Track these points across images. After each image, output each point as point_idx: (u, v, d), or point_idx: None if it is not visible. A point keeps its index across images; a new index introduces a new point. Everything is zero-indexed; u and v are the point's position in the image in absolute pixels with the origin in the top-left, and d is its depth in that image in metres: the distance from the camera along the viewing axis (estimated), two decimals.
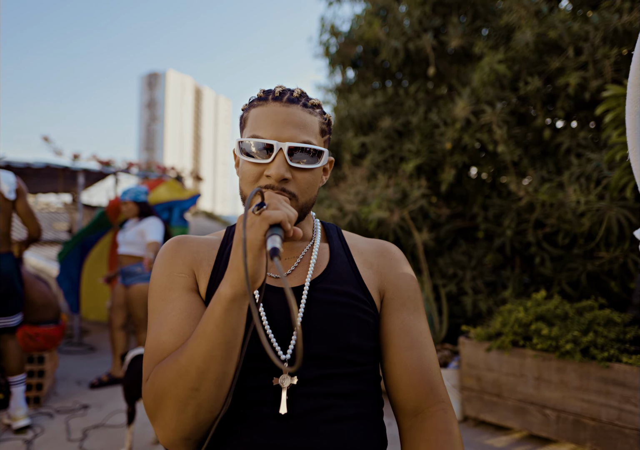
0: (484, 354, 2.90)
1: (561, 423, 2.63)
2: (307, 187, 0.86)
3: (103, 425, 2.98)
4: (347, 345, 0.84)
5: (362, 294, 0.89)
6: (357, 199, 4.00)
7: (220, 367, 0.71)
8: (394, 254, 0.98)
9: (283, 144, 0.82)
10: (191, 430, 0.73)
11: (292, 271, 0.91)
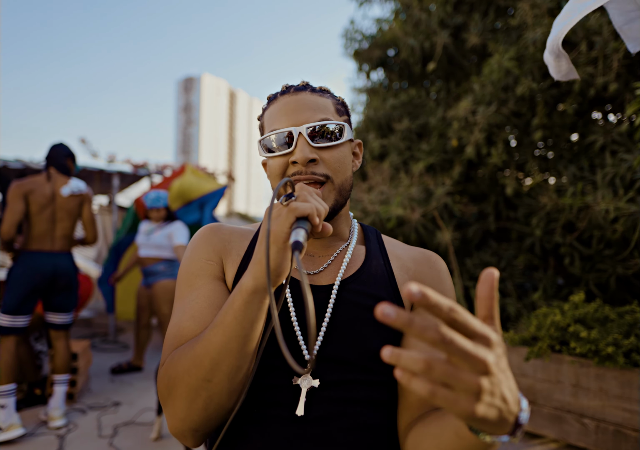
0: (518, 360, 2.79)
1: (601, 433, 2.49)
2: (337, 165, 0.83)
3: (133, 423, 3.03)
4: (370, 351, 0.78)
5: (393, 298, 0.84)
6: (380, 199, 3.95)
7: (234, 360, 0.68)
8: (435, 263, 0.91)
9: (301, 128, 0.80)
10: (200, 422, 0.70)
11: (323, 269, 0.87)
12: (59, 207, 3.07)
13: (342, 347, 0.78)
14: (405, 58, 4.84)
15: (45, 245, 3.03)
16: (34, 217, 2.99)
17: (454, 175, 4.03)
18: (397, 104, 4.91)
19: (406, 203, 3.81)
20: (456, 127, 3.84)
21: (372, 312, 0.80)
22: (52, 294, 3.07)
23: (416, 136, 4.72)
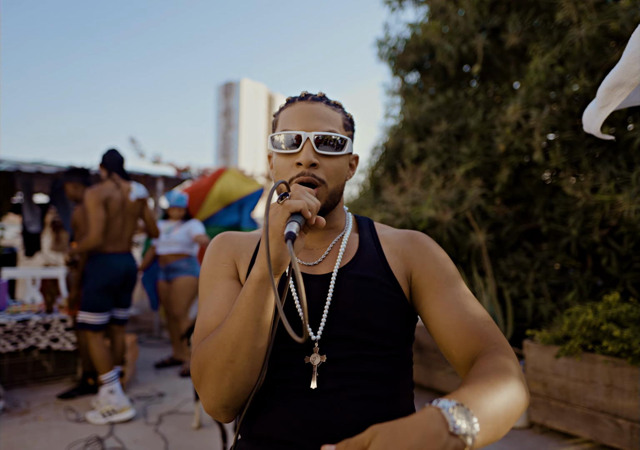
0: (550, 358, 2.79)
1: (635, 434, 2.47)
2: (334, 173, 0.93)
3: (176, 412, 3.21)
4: (373, 329, 0.88)
5: (388, 280, 0.93)
6: (412, 200, 3.99)
7: (252, 342, 0.78)
8: (418, 239, 1.00)
9: (310, 134, 0.90)
10: (229, 398, 0.81)
11: (322, 260, 0.97)
12: (128, 211, 3.34)
13: (344, 327, 0.88)
14: (442, 61, 4.85)
15: (118, 247, 3.30)
16: (109, 222, 3.24)
17: (503, 179, 3.98)
18: (433, 106, 4.92)
19: (438, 204, 3.85)
20: (508, 132, 3.80)
21: (371, 293, 0.90)
22: (122, 291, 3.37)
23: (455, 138, 4.73)
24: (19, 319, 3.53)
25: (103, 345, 3.16)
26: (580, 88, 3.38)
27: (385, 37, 5.53)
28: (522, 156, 3.91)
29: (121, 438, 2.78)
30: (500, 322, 3.29)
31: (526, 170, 4.20)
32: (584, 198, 3.31)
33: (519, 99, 3.80)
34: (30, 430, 2.87)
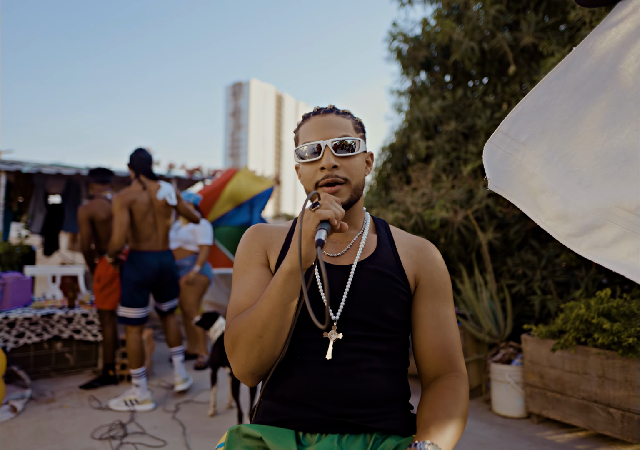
0: (546, 351, 2.94)
1: (626, 422, 2.61)
2: (353, 171, 1.09)
3: (192, 401, 3.39)
4: (383, 315, 1.04)
5: (400, 277, 1.08)
6: (422, 200, 4.13)
7: (279, 321, 0.93)
8: (431, 251, 1.15)
9: (327, 141, 1.06)
10: (256, 366, 0.97)
11: (344, 253, 1.11)
12: (157, 210, 3.48)
13: (360, 311, 1.03)
14: (460, 59, 4.91)
15: (151, 245, 3.46)
16: (138, 223, 3.39)
17: None
18: (444, 105, 5.03)
19: (449, 205, 3.99)
20: None
21: (383, 286, 1.05)
22: (160, 287, 3.54)
23: (463, 137, 4.85)
24: (43, 314, 3.74)
25: (138, 341, 3.36)
26: None
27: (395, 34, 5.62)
28: None
29: (141, 424, 2.97)
30: (500, 318, 3.44)
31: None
32: None
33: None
34: (57, 417, 3.07)
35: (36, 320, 3.70)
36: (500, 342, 3.38)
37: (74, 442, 2.69)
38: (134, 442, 2.70)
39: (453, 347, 1.05)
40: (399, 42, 5.52)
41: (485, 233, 3.93)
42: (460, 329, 3.51)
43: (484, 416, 3.20)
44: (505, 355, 3.27)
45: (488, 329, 3.41)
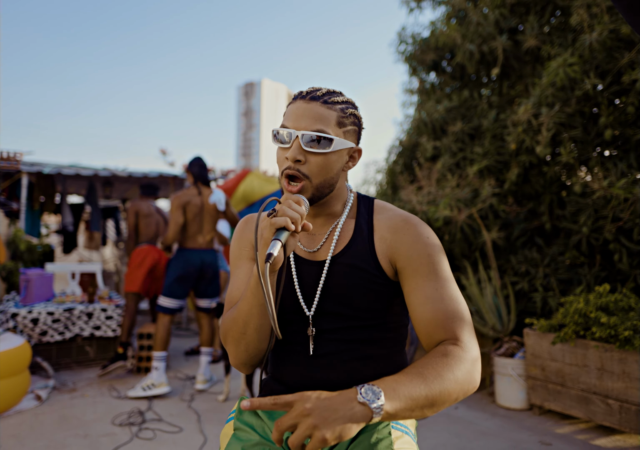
0: (547, 345, 3.03)
1: (624, 413, 2.70)
2: (318, 169, 1.00)
3: (206, 392, 3.55)
4: (357, 307, 1.04)
5: (374, 268, 1.04)
6: (427, 199, 4.23)
7: (258, 320, 0.97)
8: (408, 230, 1.05)
9: (298, 132, 0.98)
10: (245, 358, 1.03)
11: (320, 247, 1.09)
12: (207, 213, 3.79)
13: (334, 305, 1.04)
14: (461, 62, 5.02)
15: (196, 243, 3.76)
16: (188, 223, 3.73)
17: (512, 177, 4.20)
18: (450, 106, 5.13)
19: (453, 204, 4.09)
20: (520, 130, 4.01)
21: (357, 279, 1.04)
22: (200, 283, 3.81)
23: (469, 138, 4.95)
24: (65, 308, 3.92)
25: (166, 327, 3.64)
26: (590, 89, 3.57)
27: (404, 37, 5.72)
28: (532, 155, 4.10)
29: (159, 412, 3.12)
30: (504, 312, 3.53)
31: (536, 169, 4.41)
32: (601, 190, 3.47)
33: (531, 99, 4.01)
34: (79, 405, 3.24)
35: (58, 316, 3.88)
36: (503, 337, 3.48)
37: (95, 428, 2.86)
38: (152, 428, 2.86)
39: (447, 318, 0.95)
40: (407, 45, 5.62)
41: (490, 231, 4.02)
42: None
43: (487, 408, 3.30)
44: (508, 349, 3.37)
45: (492, 323, 3.51)
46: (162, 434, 2.79)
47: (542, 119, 3.70)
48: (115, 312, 4.13)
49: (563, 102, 3.80)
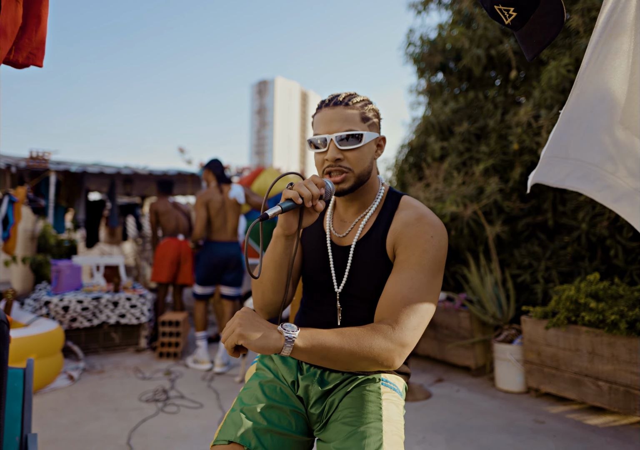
0: (542, 331, 3.23)
1: (613, 394, 2.89)
2: (357, 161, 1.16)
3: (224, 374, 3.81)
4: (373, 288, 1.20)
5: (381, 254, 1.19)
6: (434, 196, 4.43)
7: (272, 273, 1.15)
8: (415, 226, 1.15)
9: (332, 135, 1.14)
10: (262, 304, 1.21)
11: (347, 233, 1.25)
12: (228, 208, 4.14)
13: (356, 285, 1.21)
14: (468, 65, 5.20)
15: (221, 236, 4.13)
16: (212, 218, 4.10)
17: (516, 176, 4.40)
18: (456, 107, 5.31)
19: (459, 200, 4.29)
20: (520, 131, 4.20)
21: (371, 264, 1.19)
22: (225, 272, 4.17)
23: (475, 138, 5.13)
24: (93, 297, 4.22)
25: (202, 311, 4.16)
26: None
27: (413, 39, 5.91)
28: (533, 155, 4.29)
29: (181, 390, 3.39)
30: (504, 302, 3.73)
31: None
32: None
33: (531, 100, 4.20)
34: (108, 384, 3.53)
35: (87, 304, 4.18)
36: (503, 325, 3.68)
37: (124, 404, 3.13)
38: (175, 404, 3.13)
39: (402, 303, 1.06)
40: (415, 47, 5.81)
41: (493, 226, 4.21)
42: (467, 312, 3.82)
43: (487, 391, 3.51)
44: (507, 336, 3.57)
45: (492, 312, 3.71)
46: (185, 409, 3.05)
47: (541, 121, 3.88)
48: (138, 302, 4.41)
49: (561, 104, 3.98)
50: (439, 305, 4.05)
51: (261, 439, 1.08)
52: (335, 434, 1.10)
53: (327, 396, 1.23)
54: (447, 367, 4.09)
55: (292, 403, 1.22)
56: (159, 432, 2.69)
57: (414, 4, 6.04)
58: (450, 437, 2.69)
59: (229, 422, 1.13)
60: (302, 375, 1.26)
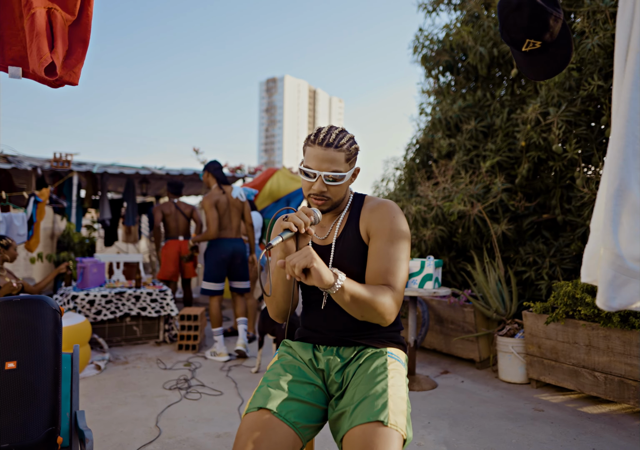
0: (543, 325, 3.41)
1: (608, 384, 3.07)
2: (336, 193, 1.44)
3: (241, 365, 4.04)
4: (356, 273, 1.45)
5: (359, 243, 1.47)
6: (442, 194, 4.61)
7: (282, 288, 1.42)
8: (380, 209, 1.46)
9: (321, 173, 1.39)
10: (277, 313, 1.49)
11: (327, 235, 1.54)
12: (232, 207, 4.41)
13: (340, 270, 1.42)
14: (473, 63, 5.37)
15: (227, 234, 4.39)
16: (220, 217, 4.36)
17: (523, 172, 4.56)
18: (464, 105, 5.48)
19: (466, 199, 4.47)
20: (529, 128, 4.36)
21: (350, 252, 1.47)
22: (232, 267, 4.43)
23: (482, 135, 5.30)
24: (116, 292, 4.46)
25: (216, 307, 4.36)
26: (594, 90, 3.89)
27: (422, 39, 6.08)
28: (540, 151, 4.43)
29: (201, 380, 3.62)
30: (507, 297, 3.91)
31: (544, 164, 4.74)
32: (590, 193, 3.84)
33: (538, 98, 4.36)
34: (133, 374, 3.76)
35: (111, 297, 4.42)
36: (506, 319, 3.86)
37: (150, 391, 3.37)
38: (197, 391, 3.35)
39: (386, 271, 1.37)
40: (424, 47, 5.96)
41: (499, 225, 4.39)
42: (471, 307, 4.00)
43: (490, 382, 3.69)
44: (510, 330, 3.75)
45: (495, 307, 3.89)
46: (206, 396, 3.28)
47: (551, 118, 4.03)
48: (158, 296, 4.65)
49: (569, 102, 4.13)
50: (444, 301, 4.23)
51: (285, 406, 1.30)
52: (350, 398, 1.32)
53: (345, 368, 1.47)
54: (452, 359, 4.28)
55: (311, 377, 1.45)
56: (183, 416, 2.91)
57: (424, 4, 6.19)
58: (454, 423, 2.89)
59: (258, 394, 1.35)
60: (321, 352, 1.51)
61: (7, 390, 1.53)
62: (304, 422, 1.31)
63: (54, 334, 1.71)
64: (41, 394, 1.58)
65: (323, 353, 1.50)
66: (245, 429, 1.25)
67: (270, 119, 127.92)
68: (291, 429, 1.27)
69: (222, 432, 2.69)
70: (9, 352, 1.59)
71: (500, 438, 2.68)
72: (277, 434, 1.23)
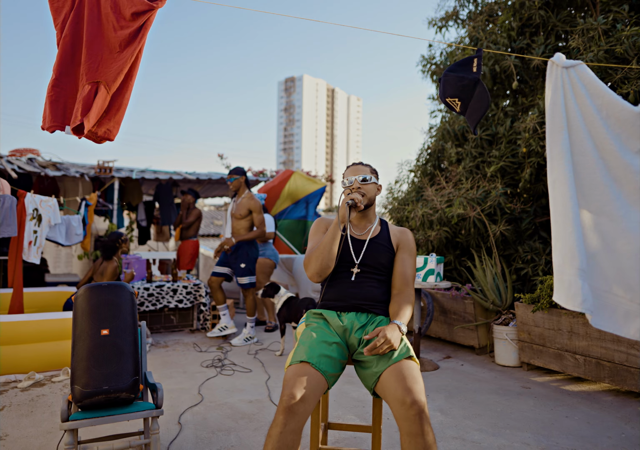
0: (531, 314, 3.87)
1: (587, 365, 3.52)
2: (367, 191, 2.08)
3: (267, 349, 4.59)
4: (380, 263, 2.08)
5: (388, 244, 2.09)
6: (445, 199, 5.09)
7: (334, 247, 1.95)
8: (405, 234, 2.14)
9: (357, 176, 2.09)
10: (319, 269, 1.96)
11: (364, 233, 2.12)
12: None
13: (369, 261, 2.05)
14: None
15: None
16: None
17: (526, 176, 5.00)
18: None
19: (465, 203, 4.93)
20: (527, 136, 4.82)
21: (381, 248, 2.07)
22: (237, 266, 4.91)
23: (487, 143, 5.74)
24: (156, 285, 5.05)
25: (251, 299, 4.95)
26: None
27: (430, 56, 6.56)
28: (539, 157, 4.87)
29: (233, 360, 4.18)
30: (503, 291, 4.37)
31: (544, 169, 5.15)
32: None
33: (536, 108, 4.80)
34: (173, 355, 4.34)
35: (152, 291, 5.02)
36: (502, 310, 4.33)
37: (190, 368, 3.94)
38: (230, 369, 3.91)
39: (407, 275, 2.04)
40: (431, 64, 6.44)
41: (497, 226, 4.84)
42: (471, 299, 4.48)
43: (486, 365, 4.16)
44: (505, 319, 4.22)
45: (492, 299, 4.36)
46: (238, 373, 3.83)
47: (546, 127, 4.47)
48: (192, 289, 5.23)
49: None
50: (448, 294, 4.71)
51: (317, 359, 1.81)
52: None
53: (364, 327, 1.99)
54: (455, 346, 4.76)
55: (333, 338, 1.95)
56: (220, 387, 3.47)
57: (434, 20, 6.66)
58: (449, 396, 3.38)
59: (296, 353, 1.86)
60: (344, 316, 2.02)
61: (104, 349, 2.10)
62: (330, 371, 1.82)
63: (132, 310, 2.28)
64: (127, 353, 2.14)
65: (346, 316, 2.02)
66: (291, 374, 1.75)
67: (289, 119, 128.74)
68: (322, 375, 1.78)
69: (254, 398, 3.24)
70: (103, 323, 2.16)
71: (488, 407, 3.16)
72: (314, 379, 1.74)
